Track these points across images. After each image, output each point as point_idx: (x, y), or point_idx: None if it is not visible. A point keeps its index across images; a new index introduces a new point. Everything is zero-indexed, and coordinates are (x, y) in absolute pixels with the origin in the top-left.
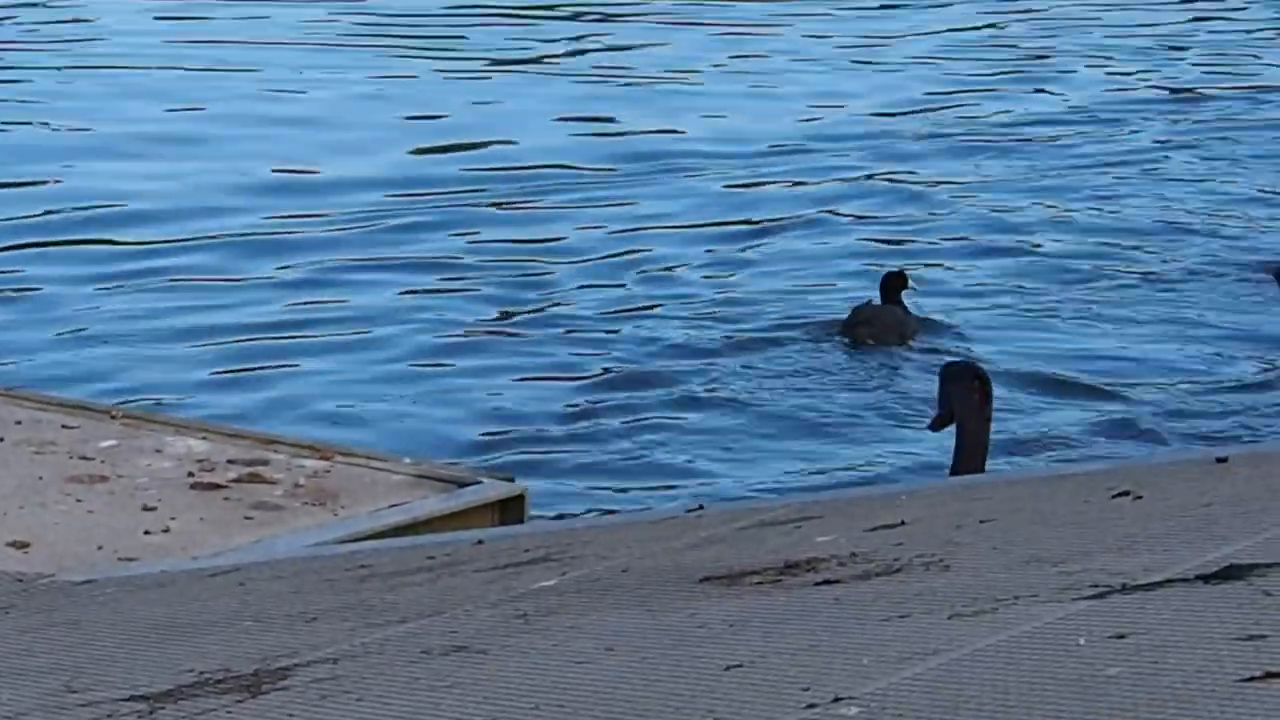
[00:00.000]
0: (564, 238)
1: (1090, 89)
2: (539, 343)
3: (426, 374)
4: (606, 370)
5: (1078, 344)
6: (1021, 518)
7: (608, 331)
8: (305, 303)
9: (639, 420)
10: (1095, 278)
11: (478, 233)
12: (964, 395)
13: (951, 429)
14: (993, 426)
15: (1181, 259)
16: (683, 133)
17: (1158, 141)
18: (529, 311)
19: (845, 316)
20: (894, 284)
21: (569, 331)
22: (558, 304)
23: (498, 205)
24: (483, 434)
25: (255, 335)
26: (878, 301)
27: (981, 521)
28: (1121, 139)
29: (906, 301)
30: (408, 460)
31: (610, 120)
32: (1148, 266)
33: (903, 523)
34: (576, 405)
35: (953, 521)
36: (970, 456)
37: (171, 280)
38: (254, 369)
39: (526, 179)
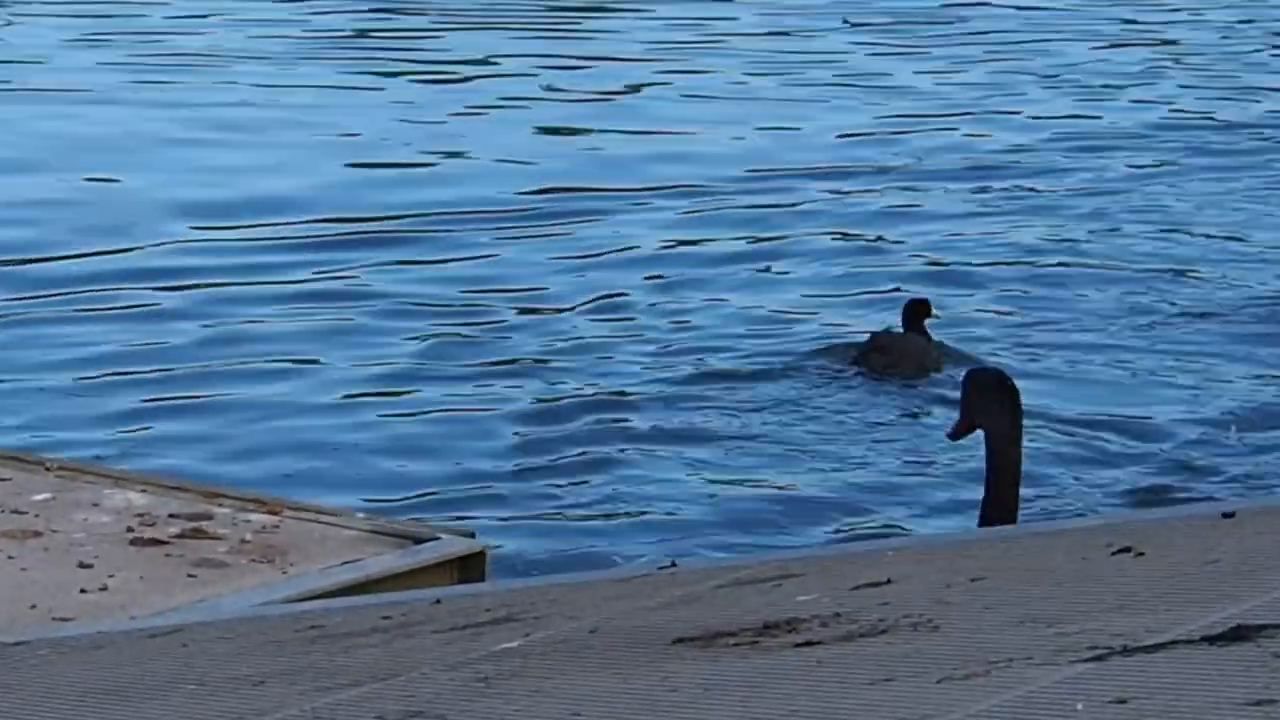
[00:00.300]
0: (499, 268)
1: (1071, 120)
2: (488, 377)
3: (362, 411)
4: (570, 406)
5: (1086, 386)
6: (1015, 575)
7: (567, 365)
8: (223, 332)
9: (605, 463)
10: (1113, 313)
11: (405, 261)
12: (992, 407)
13: (976, 438)
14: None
15: (1194, 296)
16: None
17: (1151, 170)
18: (471, 345)
19: (862, 342)
20: (917, 311)
21: (523, 365)
22: (504, 338)
23: (423, 233)
24: (430, 477)
25: (169, 366)
26: (899, 329)
27: (973, 579)
28: (1117, 170)
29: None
30: (361, 515)
31: (542, 144)
32: (1160, 304)
33: (889, 581)
34: (534, 446)
35: (942, 579)
36: (1003, 475)
37: (78, 310)
38: (168, 399)
39: (448, 206)
